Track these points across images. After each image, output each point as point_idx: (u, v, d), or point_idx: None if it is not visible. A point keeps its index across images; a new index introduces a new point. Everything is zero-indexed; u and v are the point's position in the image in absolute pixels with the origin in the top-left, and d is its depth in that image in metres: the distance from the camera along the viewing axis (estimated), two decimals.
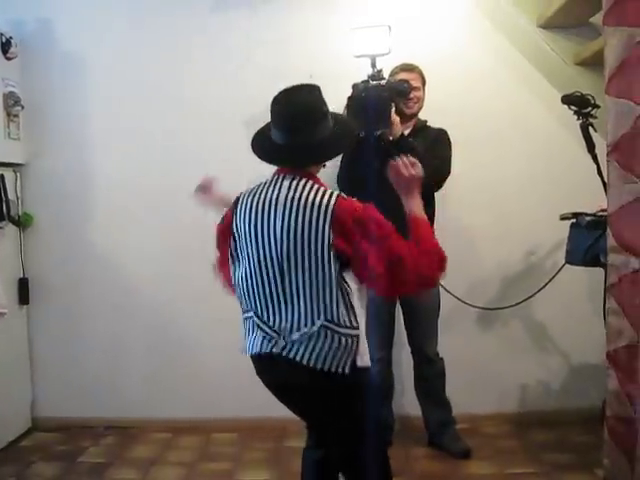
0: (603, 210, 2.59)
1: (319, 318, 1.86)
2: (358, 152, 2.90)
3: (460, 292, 3.33)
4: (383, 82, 2.94)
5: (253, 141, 2.06)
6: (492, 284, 3.55)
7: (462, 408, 3.33)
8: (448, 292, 3.23)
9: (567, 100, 2.73)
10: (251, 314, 1.99)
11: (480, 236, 3.54)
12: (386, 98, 2.88)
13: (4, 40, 3.40)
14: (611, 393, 2.37)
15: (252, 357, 2.03)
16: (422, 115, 3.22)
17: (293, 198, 1.89)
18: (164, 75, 3.62)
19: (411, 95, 3.05)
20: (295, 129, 1.92)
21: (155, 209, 3.65)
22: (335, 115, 2.03)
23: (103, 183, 3.68)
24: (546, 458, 3.10)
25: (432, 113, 3.21)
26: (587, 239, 2.66)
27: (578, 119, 2.71)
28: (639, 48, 2.06)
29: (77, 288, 3.72)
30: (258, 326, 1.96)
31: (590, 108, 2.68)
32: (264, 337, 1.94)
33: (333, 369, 1.85)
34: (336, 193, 1.90)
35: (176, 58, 3.61)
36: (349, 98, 2.88)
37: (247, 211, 1.96)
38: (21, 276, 3.64)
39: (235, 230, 1.99)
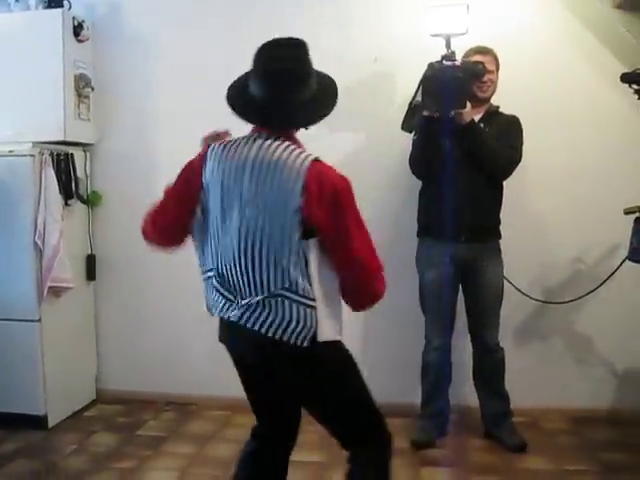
0: None
1: (277, 286, 1.78)
2: (432, 132, 2.87)
3: (523, 281, 3.28)
4: (458, 63, 2.88)
5: (229, 91, 1.92)
6: (557, 275, 3.45)
7: (521, 401, 3.26)
8: (509, 282, 3.18)
9: (627, 78, 2.61)
10: (212, 275, 1.91)
11: (548, 223, 3.44)
12: (462, 79, 2.83)
13: (76, 24, 3.51)
14: None
15: (220, 319, 1.97)
16: (495, 101, 3.14)
17: (263, 158, 1.78)
18: (230, 57, 3.61)
19: (485, 78, 2.99)
20: (278, 86, 1.79)
21: None
22: (319, 75, 1.89)
23: (169, 162, 3.68)
24: (604, 457, 3.00)
25: (502, 95, 3.12)
26: None
27: (639, 98, 2.58)
28: None
29: (143, 266, 3.79)
30: (217, 289, 1.89)
31: None
32: (225, 301, 1.88)
33: (292, 341, 1.78)
34: (313, 156, 1.79)
35: (242, 40, 3.59)
36: (424, 77, 2.83)
37: (216, 167, 1.86)
38: (89, 253, 3.77)
39: (205, 183, 1.88)
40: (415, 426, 3.23)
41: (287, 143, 1.81)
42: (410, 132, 3.06)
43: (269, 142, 1.81)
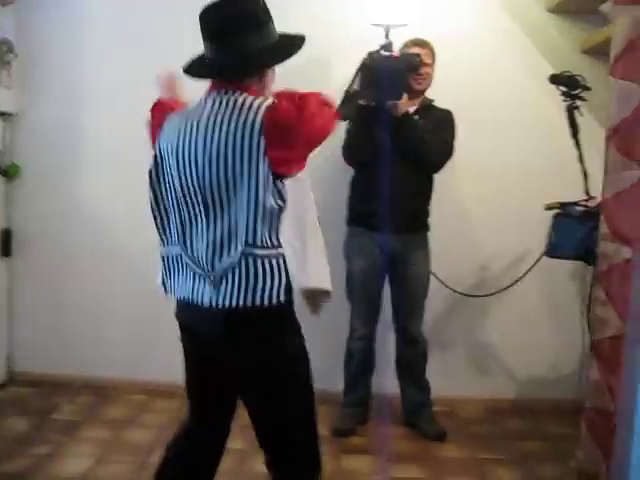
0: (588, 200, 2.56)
1: (240, 244, 1.64)
2: (367, 122, 2.87)
3: (444, 273, 3.32)
4: (397, 53, 2.90)
5: (186, 64, 1.80)
6: (478, 269, 3.51)
7: (440, 391, 3.32)
8: (434, 275, 3.24)
9: (556, 80, 2.68)
10: (177, 250, 1.79)
11: (477, 224, 3.50)
12: (400, 70, 2.85)
13: None
14: (592, 384, 2.34)
15: (178, 301, 1.84)
16: (429, 95, 3.16)
17: (217, 112, 1.66)
18: (162, 30, 3.52)
19: (421, 70, 3.01)
20: (224, 36, 1.66)
21: (144, 163, 3.57)
22: (284, 35, 1.77)
23: (93, 136, 3.60)
24: (519, 446, 3.10)
25: (437, 94, 3.15)
26: (580, 231, 2.60)
27: (565, 100, 2.66)
28: None
29: (62, 241, 3.66)
30: (187, 265, 1.76)
31: (579, 90, 2.63)
32: (193, 281, 1.74)
33: (264, 302, 1.65)
34: (273, 100, 1.65)
35: (175, 15, 3.50)
36: (362, 66, 2.82)
37: (170, 134, 1.74)
38: (4, 227, 3.60)
39: (158, 152, 1.78)
40: (337, 414, 3.24)
41: (244, 94, 1.67)
42: (345, 120, 3.04)
43: (226, 96, 1.67)
